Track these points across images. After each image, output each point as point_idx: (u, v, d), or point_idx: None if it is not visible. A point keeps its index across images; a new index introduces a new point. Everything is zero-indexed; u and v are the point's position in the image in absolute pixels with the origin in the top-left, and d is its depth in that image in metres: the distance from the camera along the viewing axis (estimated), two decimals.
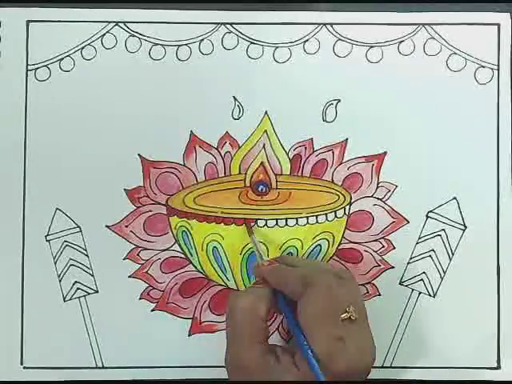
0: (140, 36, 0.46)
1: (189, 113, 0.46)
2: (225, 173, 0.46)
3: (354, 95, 0.46)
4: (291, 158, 0.46)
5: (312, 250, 0.46)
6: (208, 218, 0.46)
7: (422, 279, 0.46)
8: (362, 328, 0.38)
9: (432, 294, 0.46)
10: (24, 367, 0.46)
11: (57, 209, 0.46)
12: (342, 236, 0.46)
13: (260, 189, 0.46)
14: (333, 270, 0.40)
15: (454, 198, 0.46)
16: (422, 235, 0.46)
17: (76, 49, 0.46)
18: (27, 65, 0.46)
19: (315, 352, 0.36)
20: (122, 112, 0.46)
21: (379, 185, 0.46)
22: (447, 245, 0.46)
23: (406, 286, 0.46)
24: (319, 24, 0.46)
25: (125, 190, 0.46)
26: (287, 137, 0.46)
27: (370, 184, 0.46)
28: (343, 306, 0.37)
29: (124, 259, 0.46)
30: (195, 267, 0.46)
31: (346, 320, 0.37)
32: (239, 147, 0.46)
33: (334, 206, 0.46)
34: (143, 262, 0.46)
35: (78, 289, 0.46)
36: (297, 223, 0.46)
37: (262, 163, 0.46)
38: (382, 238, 0.46)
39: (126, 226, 0.46)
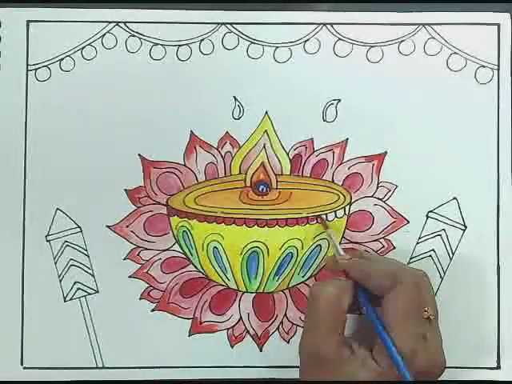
0: (140, 36, 0.46)
1: (189, 113, 0.46)
2: (225, 173, 0.46)
3: (354, 95, 0.46)
4: (291, 157, 0.46)
5: (312, 250, 0.46)
6: (208, 218, 0.46)
7: None
8: (436, 328, 0.39)
9: None
10: (24, 367, 0.46)
11: (57, 209, 0.46)
12: (342, 236, 0.46)
13: (260, 189, 0.46)
14: (415, 269, 0.41)
15: (454, 198, 0.46)
16: (422, 235, 0.46)
17: (76, 49, 0.46)
18: (27, 65, 0.46)
19: (398, 348, 0.36)
20: (122, 112, 0.46)
21: (379, 185, 0.46)
22: (447, 245, 0.46)
23: None
24: (319, 24, 0.46)
25: (125, 190, 0.46)
26: (287, 137, 0.46)
27: (370, 184, 0.46)
28: (424, 305, 0.38)
29: (124, 259, 0.46)
30: (196, 267, 0.46)
31: (425, 319, 0.38)
32: (239, 147, 0.46)
33: (335, 205, 0.46)
34: (144, 262, 0.46)
35: (78, 289, 0.46)
36: (297, 223, 0.46)
37: (262, 163, 0.46)
38: (383, 237, 0.46)
39: (127, 226, 0.46)
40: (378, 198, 0.46)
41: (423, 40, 0.46)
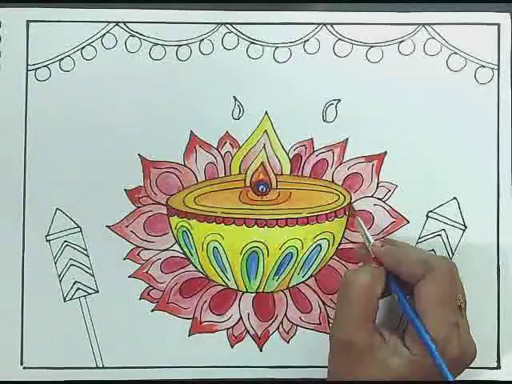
0: (140, 36, 0.46)
1: (189, 113, 0.46)
2: (225, 173, 0.46)
3: (354, 95, 0.46)
4: (291, 157, 0.46)
5: (312, 250, 0.46)
6: (208, 218, 0.46)
7: None
8: (465, 317, 0.39)
9: None
10: (24, 367, 0.46)
11: (57, 209, 0.46)
12: (342, 236, 0.46)
13: (260, 189, 0.46)
14: (445, 258, 0.41)
15: (454, 198, 0.46)
16: (422, 235, 0.46)
17: (76, 49, 0.46)
18: (27, 65, 0.46)
19: (432, 335, 0.36)
20: (122, 112, 0.46)
21: (379, 185, 0.46)
22: (447, 245, 0.46)
23: None
24: (319, 24, 0.46)
25: (125, 190, 0.46)
26: (287, 137, 0.46)
27: (370, 184, 0.46)
28: (456, 293, 0.38)
29: (124, 259, 0.46)
30: (195, 267, 0.46)
31: (458, 307, 0.38)
32: (239, 147, 0.46)
33: (334, 205, 0.46)
34: (143, 262, 0.46)
35: (78, 289, 0.46)
36: (297, 223, 0.46)
37: (262, 163, 0.46)
38: (382, 237, 0.46)
39: (127, 226, 0.46)
40: (377, 198, 0.46)
41: (423, 40, 0.46)
